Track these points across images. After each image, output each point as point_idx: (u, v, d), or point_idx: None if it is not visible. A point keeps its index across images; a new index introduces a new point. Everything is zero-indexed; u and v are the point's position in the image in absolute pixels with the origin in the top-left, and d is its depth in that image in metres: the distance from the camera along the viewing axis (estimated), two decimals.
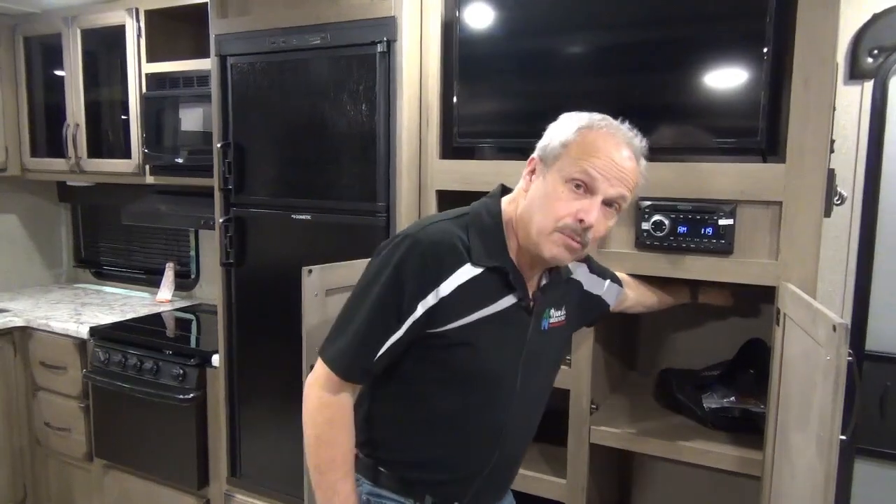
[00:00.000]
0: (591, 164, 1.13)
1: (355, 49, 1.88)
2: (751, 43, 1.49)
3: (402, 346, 1.18)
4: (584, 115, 1.21)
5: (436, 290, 1.14)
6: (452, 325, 1.17)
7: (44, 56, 3.10)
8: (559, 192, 1.14)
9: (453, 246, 1.16)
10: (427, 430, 1.25)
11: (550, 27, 1.74)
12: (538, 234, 1.16)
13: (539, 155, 1.19)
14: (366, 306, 1.17)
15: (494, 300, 1.19)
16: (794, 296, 1.34)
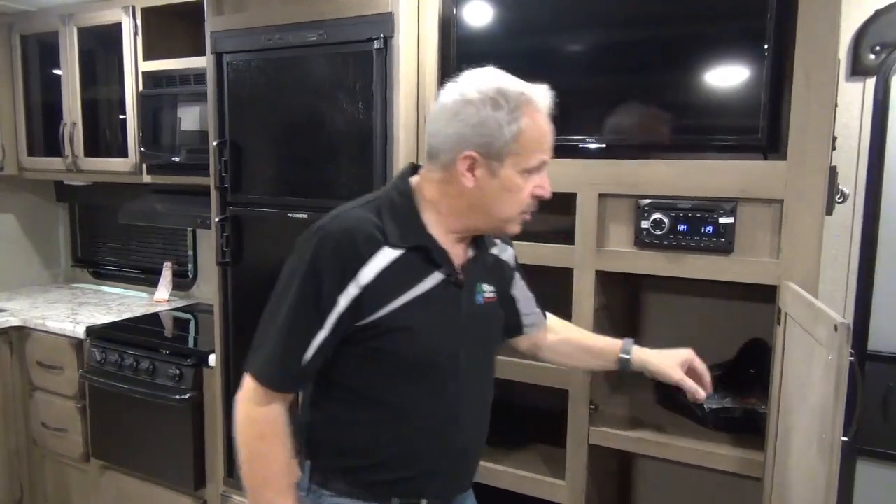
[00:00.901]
0: (543, 150, 1.16)
1: (352, 46, 1.87)
2: (752, 40, 1.48)
3: (333, 345, 1.14)
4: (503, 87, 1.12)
5: (355, 280, 1.11)
6: (382, 311, 1.13)
7: (40, 54, 3.09)
8: (518, 184, 1.15)
9: (367, 231, 1.13)
10: (382, 428, 1.20)
11: (549, 25, 1.72)
12: (505, 223, 1.19)
13: (480, 152, 1.11)
14: (285, 310, 1.13)
15: (421, 279, 1.16)
16: (795, 295, 1.32)
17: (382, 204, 1.18)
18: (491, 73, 1.16)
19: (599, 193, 1.64)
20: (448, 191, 1.16)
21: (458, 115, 1.12)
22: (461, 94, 1.13)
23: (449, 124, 1.13)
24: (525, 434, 2.04)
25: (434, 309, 1.17)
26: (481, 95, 1.11)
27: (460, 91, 1.13)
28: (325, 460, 1.24)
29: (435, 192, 1.18)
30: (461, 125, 1.11)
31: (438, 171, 1.16)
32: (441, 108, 1.15)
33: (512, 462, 1.87)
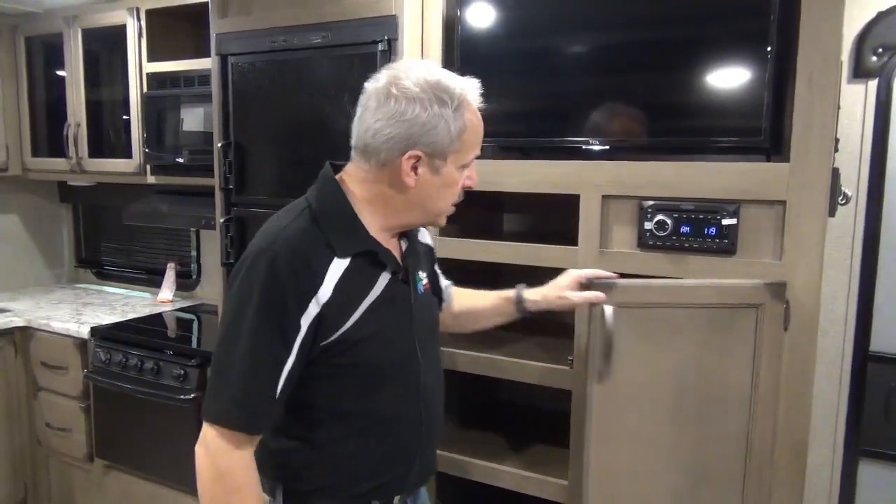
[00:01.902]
0: (479, 145, 1.19)
1: (356, 48, 1.88)
2: (754, 41, 1.48)
3: (298, 371, 1.08)
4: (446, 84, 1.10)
5: (315, 299, 1.05)
6: (345, 326, 1.09)
7: (45, 55, 3.10)
8: (456, 179, 1.16)
9: (314, 246, 1.08)
10: (358, 440, 1.16)
11: (552, 26, 1.73)
12: (439, 216, 1.20)
13: (426, 151, 1.09)
14: (243, 344, 1.04)
15: (374, 283, 1.13)
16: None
17: (319, 213, 1.12)
18: (427, 67, 1.14)
19: (602, 195, 1.65)
20: (384, 190, 1.13)
21: (403, 115, 1.07)
22: (404, 92, 1.08)
23: (394, 124, 1.08)
24: (527, 434, 2.05)
25: (390, 309, 1.16)
26: (426, 93, 1.08)
27: (402, 88, 1.08)
28: (299, 484, 1.18)
29: (368, 191, 1.14)
30: (407, 125, 1.07)
31: (373, 170, 1.12)
32: (381, 106, 1.09)
33: (514, 462, 1.88)
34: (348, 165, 1.17)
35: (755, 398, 1.52)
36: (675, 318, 1.55)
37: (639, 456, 1.61)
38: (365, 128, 1.11)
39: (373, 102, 1.10)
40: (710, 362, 1.55)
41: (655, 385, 1.59)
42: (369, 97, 1.11)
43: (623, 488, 1.65)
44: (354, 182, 1.15)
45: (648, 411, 1.59)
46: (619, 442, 1.62)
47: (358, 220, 1.13)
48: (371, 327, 1.12)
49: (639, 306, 1.56)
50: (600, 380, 1.53)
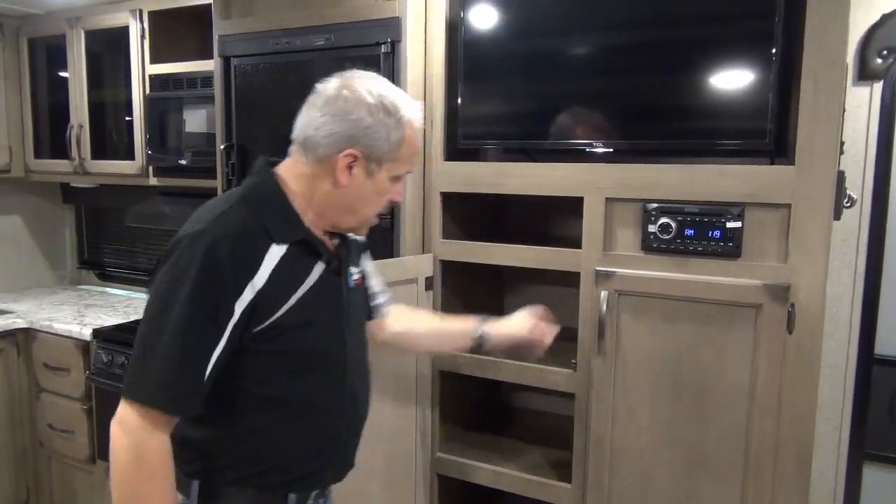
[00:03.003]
0: (412, 161, 1.22)
1: (359, 50, 1.87)
2: (759, 44, 1.48)
3: (227, 356, 1.07)
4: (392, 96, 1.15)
5: (251, 284, 1.06)
6: (279, 312, 1.10)
7: (48, 57, 3.10)
8: (386, 188, 1.19)
9: (253, 232, 1.09)
10: (281, 427, 1.16)
11: (556, 28, 1.72)
12: (364, 224, 1.23)
13: (364, 153, 1.13)
14: (173, 324, 1.03)
15: (309, 271, 1.15)
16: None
17: (256, 203, 1.14)
18: (379, 80, 1.18)
19: (606, 198, 1.65)
20: (318, 185, 1.16)
21: (349, 114, 1.11)
22: (354, 94, 1.12)
23: (338, 121, 1.12)
24: (530, 437, 2.04)
25: (323, 299, 1.18)
26: (375, 100, 1.12)
27: (353, 91, 1.13)
28: (216, 474, 1.16)
29: (304, 185, 1.17)
30: (351, 125, 1.11)
31: (311, 164, 1.15)
32: (329, 103, 1.13)
33: (517, 465, 1.87)
34: (285, 161, 1.20)
35: (753, 397, 1.52)
36: (672, 309, 1.58)
37: (637, 430, 1.65)
38: (308, 121, 1.14)
39: (320, 100, 1.14)
40: (707, 356, 1.56)
41: (653, 367, 1.62)
42: (318, 95, 1.15)
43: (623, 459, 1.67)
44: (290, 176, 1.18)
45: (646, 390, 1.63)
46: (618, 415, 1.66)
47: (293, 209, 1.16)
48: (303, 315, 1.13)
49: (636, 294, 1.62)
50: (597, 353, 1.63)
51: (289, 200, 1.16)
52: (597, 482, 1.70)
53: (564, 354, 1.78)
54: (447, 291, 1.95)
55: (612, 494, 1.70)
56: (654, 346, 1.61)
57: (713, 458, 1.58)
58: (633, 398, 1.65)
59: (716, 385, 1.56)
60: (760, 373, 1.51)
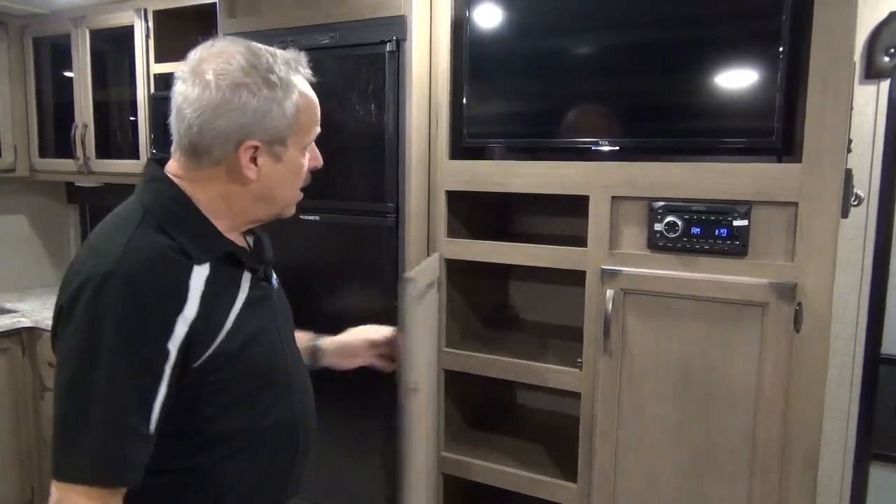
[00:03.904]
0: (317, 122, 1.09)
1: (364, 49, 1.87)
2: (766, 42, 1.47)
3: (171, 401, 0.93)
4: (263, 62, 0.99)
5: (182, 317, 0.91)
6: (218, 339, 0.96)
7: (52, 56, 3.10)
8: (301, 163, 1.07)
9: (169, 257, 0.93)
10: (240, 457, 1.03)
11: (561, 27, 1.72)
12: (287, 207, 1.10)
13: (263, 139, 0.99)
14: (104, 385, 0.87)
15: (238, 286, 1.03)
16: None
17: (163, 219, 0.97)
18: (245, 47, 1.00)
19: (612, 196, 1.64)
20: (223, 188, 1.01)
21: (230, 104, 0.95)
22: (225, 79, 0.96)
23: (220, 115, 0.95)
24: (536, 437, 2.04)
25: (258, 310, 1.06)
26: (251, 76, 0.97)
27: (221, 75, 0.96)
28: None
29: (207, 193, 1.01)
30: (238, 114, 0.96)
31: (209, 168, 0.99)
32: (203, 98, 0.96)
33: (523, 464, 1.87)
34: (173, 166, 1.03)
35: (760, 396, 1.51)
36: (679, 308, 1.58)
37: (644, 429, 1.64)
38: (185, 123, 0.97)
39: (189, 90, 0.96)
40: (714, 355, 1.56)
41: (659, 365, 1.61)
42: (182, 90, 0.98)
43: (629, 459, 1.66)
44: (188, 183, 1.01)
45: (652, 389, 1.63)
46: (624, 414, 1.66)
47: (207, 220, 1.01)
48: (243, 334, 1.01)
49: (643, 293, 1.61)
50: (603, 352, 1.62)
51: (199, 211, 1.01)
52: (602, 482, 1.70)
53: (570, 354, 1.78)
54: (452, 291, 1.94)
55: (617, 494, 1.69)
56: (660, 345, 1.61)
57: (719, 457, 1.57)
58: (638, 397, 1.64)
59: (722, 384, 1.55)
60: (767, 372, 1.50)
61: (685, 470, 1.61)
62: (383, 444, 1.97)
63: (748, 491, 1.55)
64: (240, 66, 0.97)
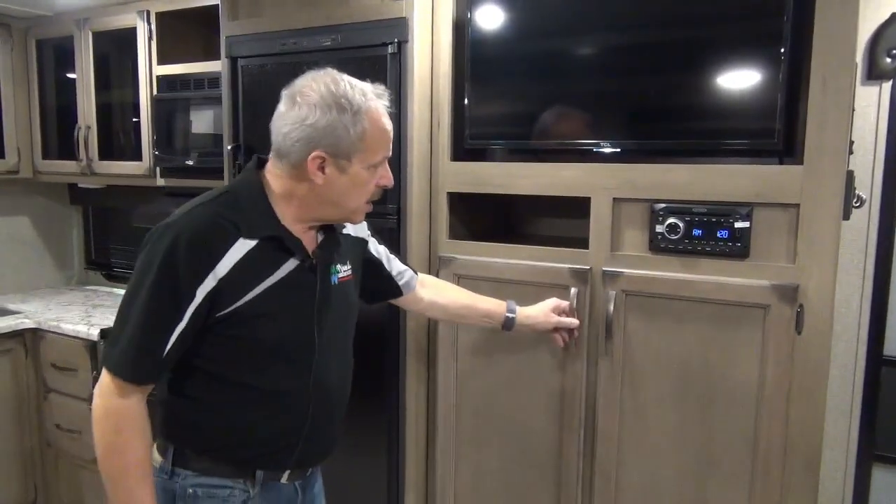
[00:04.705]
0: (385, 147, 1.25)
1: (366, 50, 1.87)
2: (767, 43, 1.47)
3: (192, 336, 1.18)
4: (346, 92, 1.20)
5: (213, 273, 1.15)
6: (241, 301, 1.18)
7: (56, 58, 3.11)
8: (365, 178, 1.24)
9: (218, 226, 1.18)
10: (245, 408, 1.25)
11: (563, 28, 1.72)
12: (354, 213, 1.29)
13: (329, 153, 1.19)
14: (140, 305, 1.15)
15: (277, 267, 1.22)
16: None
17: (232, 198, 1.23)
18: (332, 77, 1.22)
19: (614, 198, 1.64)
20: (298, 187, 1.23)
21: (305, 120, 1.17)
22: (306, 99, 1.18)
23: (296, 128, 1.18)
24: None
25: (291, 294, 1.24)
26: (325, 100, 1.18)
27: (305, 96, 1.19)
28: (187, 441, 1.27)
29: (284, 186, 1.24)
30: (309, 129, 1.17)
31: (287, 168, 1.22)
32: (286, 113, 1.20)
33: None
34: (269, 163, 1.27)
35: (761, 398, 1.51)
36: (681, 310, 1.58)
37: (644, 431, 1.64)
38: (276, 131, 1.22)
39: (282, 108, 1.21)
40: (716, 356, 1.56)
41: (661, 367, 1.62)
42: (281, 103, 1.22)
43: (630, 460, 1.67)
44: (272, 177, 1.25)
45: (654, 390, 1.63)
46: (625, 416, 1.66)
47: (270, 207, 1.23)
48: (267, 306, 1.20)
49: (644, 295, 1.62)
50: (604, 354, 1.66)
51: (267, 199, 1.24)
52: (604, 482, 1.70)
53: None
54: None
55: (619, 495, 1.69)
56: (661, 347, 1.61)
57: (721, 458, 1.57)
58: (640, 399, 1.64)
59: (724, 386, 1.55)
60: (769, 374, 1.50)
61: (687, 471, 1.61)
62: (384, 445, 1.97)
63: (750, 493, 1.55)
64: (319, 91, 1.18)
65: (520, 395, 1.81)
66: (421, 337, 1.94)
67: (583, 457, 1.73)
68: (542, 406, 1.78)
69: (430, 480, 2.00)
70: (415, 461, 1.97)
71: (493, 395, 1.86)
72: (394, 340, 1.93)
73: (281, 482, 1.32)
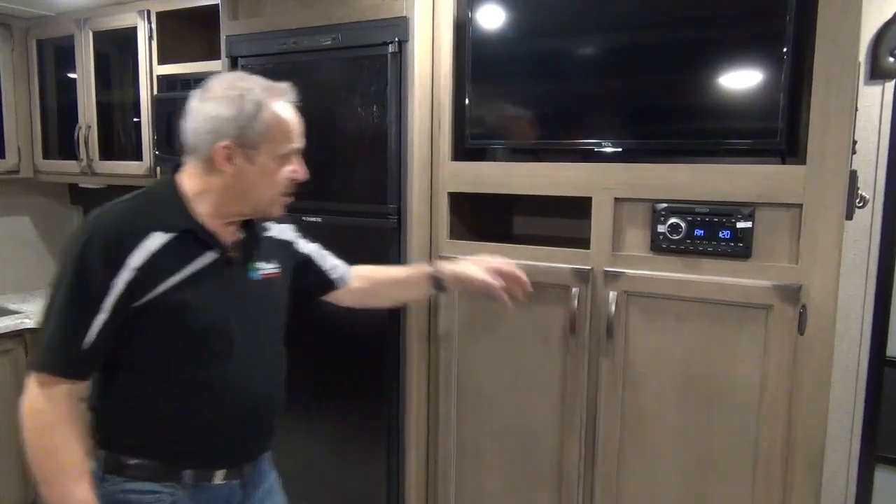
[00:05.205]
0: (291, 139, 1.29)
1: (367, 50, 1.87)
2: (770, 42, 1.46)
3: (114, 328, 1.20)
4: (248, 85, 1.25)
5: (127, 264, 1.19)
6: (157, 291, 1.21)
7: (56, 58, 3.11)
8: (273, 168, 1.28)
9: (132, 221, 1.23)
10: (169, 403, 1.26)
11: (564, 28, 1.72)
12: (267, 205, 1.32)
13: (236, 142, 1.23)
14: (59, 305, 1.20)
15: (193, 259, 1.26)
16: None
17: (148, 198, 1.29)
18: (236, 75, 1.30)
19: (615, 198, 1.64)
20: (211, 181, 1.27)
21: (211, 113, 1.23)
22: (212, 94, 1.25)
23: (204, 123, 1.24)
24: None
25: (207, 286, 1.27)
26: (228, 93, 1.24)
27: (210, 92, 1.26)
28: (117, 445, 1.28)
29: (198, 184, 1.28)
30: (214, 121, 1.23)
31: (199, 164, 1.27)
32: (194, 109, 1.26)
33: None
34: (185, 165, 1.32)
35: (764, 399, 1.51)
36: (682, 310, 1.57)
37: (645, 431, 1.64)
38: (187, 130, 1.27)
39: (190, 108, 1.27)
40: (718, 357, 1.55)
41: (662, 367, 1.61)
42: (189, 104, 1.27)
43: (632, 461, 1.66)
44: (187, 177, 1.30)
45: (655, 391, 1.62)
46: (627, 416, 1.66)
47: (184, 204, 1.27)
48: (182, 297, 1.23)
49: (646, 295, 1.61)
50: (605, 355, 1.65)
51: (181, 197, 1.28)
52: (605, 483, 1.69)
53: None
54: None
55: (620, 495, 1.69)
56: (663, 347, 1.60)
57: (723, 460, 1.57)
58: (641, 399, 1.64)
59: (726, 387, 1.55)
60: (771, 374, 1.50)
61: (688, 472, 1.61)
62: (385, 446, 1.96)
63: (752, 494, 1.54)
64: (223, 86, 1.25)
65: (521, 396, 1.81)
66: (422, 339, 1.93)
67: (584, 458, 1.73)
68: (543, 407, 1.77)
69: (430, 480, 2.00)
70: (415, 462, 1.96)
71: (494, 397, 1.85)
72: (394, 343, 1.92)
73: (214, 482, 1.32)
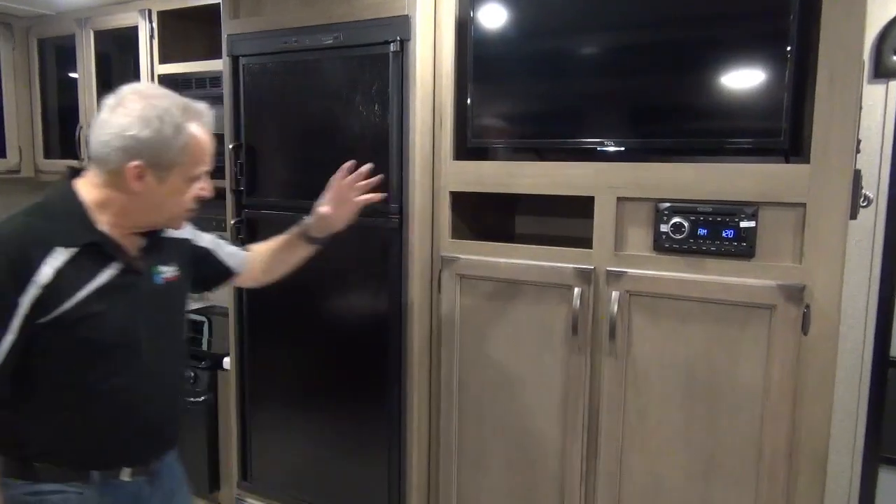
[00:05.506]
0: (204, 161, 1.29)
1: (368, 49, 1.86)
2: (774, 41, 1.46)
3: (21, 347, 1.20)
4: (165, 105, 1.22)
5: (33, 281, 1.17)
6: (65, 305, 1.20)
7: (57, 57, 3.11)
8: (183, 188, 1.28)
9: (35, 237, 1.20)
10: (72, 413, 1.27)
11: (567, 27, 1.71)
12: (172, 220, 1.33)
13: (149, 163, 1.21)
14: None
15: (99, 271, 1.25)
16: None
17: (48, 210, 1.25)
18: (155, 91, 1.26)
19: (618, 197, 1.63)
20: (115, 195, 1.25)
21: (127, 131, 1.20)
22: (128, 111, 1.21)
23: (117, 138, 1.20)
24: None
25: (115, 296, 1.26)
26: (148, 113, 1.21)
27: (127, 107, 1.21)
28: (18, 451, 1.28)
29: (101, 194, 1.26)
30: (130, 140, 1.20)
31: (105, 175, 1.25)
32: (108, 121, 1.22)
33: None
34: (86, 172, 1.29)
35: (767, 399, 1.50)
36: (685, 310, 1.57)
37: (648, 432, 1.63)
38: (96, 139, 1.23)
39: (104, 116, 1.23)
40: (721, 357, 1.55)
41: (665, 367, 1.60)
42: (102, 111, 1.24)
43: (634, 461, 1.66)
44: (89, 185, 1.27)
45: (658, 391, 1.62)
46: (629, 417, 1.65)
47: (85, 215, 1.25)
48: (91, 309, 1.23)
49: (648, 295, 1.61)
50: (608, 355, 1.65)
51: (82, 207, 1.25)
52: (608, 484, 1.69)
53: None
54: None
55: (622, 495, 1.68)
56: (666, 347, 1.60)
57: (726, 460, 1.56)
58: (644, 399, 1.63)
59: (729, 387, 1.54)
60: (774, 375, 1.49)
61: (691, 473, 1.60)
62: (387, 446, 1.96)
63: (755, 494, 1.54)
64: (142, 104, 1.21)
65: (523, 397, 1.80)
66: (423, 339, 1.92)
67: (586, 458, 1.72)
68: (545, 407, 1.77)
69: (432, 481, 1.99)
70: (417, 463, 1.96)
71: (496, 397, 1.85)
72: (396, 343, 1.92)
73: (121, 479, 1.33)
